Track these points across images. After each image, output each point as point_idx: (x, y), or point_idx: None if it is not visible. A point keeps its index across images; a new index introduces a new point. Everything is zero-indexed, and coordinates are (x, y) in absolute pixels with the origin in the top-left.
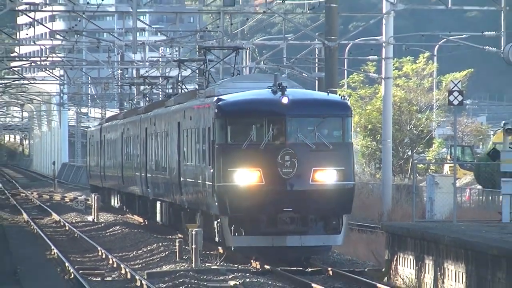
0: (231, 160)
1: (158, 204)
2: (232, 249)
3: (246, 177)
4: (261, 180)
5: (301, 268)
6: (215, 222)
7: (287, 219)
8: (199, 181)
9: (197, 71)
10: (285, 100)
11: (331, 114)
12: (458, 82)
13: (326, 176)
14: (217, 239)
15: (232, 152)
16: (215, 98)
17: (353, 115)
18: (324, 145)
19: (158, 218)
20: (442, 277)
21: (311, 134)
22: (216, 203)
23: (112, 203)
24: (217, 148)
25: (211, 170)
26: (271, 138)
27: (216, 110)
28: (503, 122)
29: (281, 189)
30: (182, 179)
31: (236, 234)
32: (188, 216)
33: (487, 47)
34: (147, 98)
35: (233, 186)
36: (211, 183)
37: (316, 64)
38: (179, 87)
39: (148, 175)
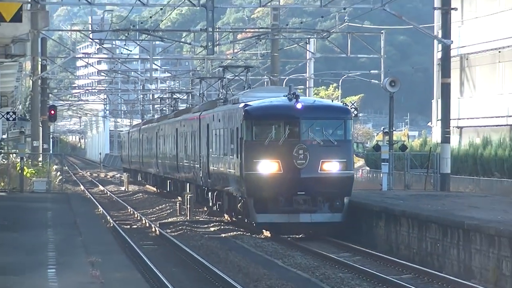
0: (256, 153)
1: (188, 185)
2: (255, 224)
3: (268, 167)
4: (279, 169)
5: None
6: (240, 202)
7: (301, 200)
8: (227, 170)
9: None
10: (299, 106)
11: (335, 117)
12: (354, 102)
13: (331, 166)
14: (241, 215)
15: (256, 147)
16: (243, 104)
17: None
18: (330, 142)
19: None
20: None
21: (319, 133)
22: (244, 187)
23: (147, 182)
24: (244, 143)
25: (239, 161)
26: (288, 136)
27: (244, 114)
28: (383, 128)
29: (296, 176)
30: (210, 167)
31: (259, 212)
32: (215, 196)
33: (372, 80)
34: (172, 108)
35: (257, 174)
36: (239, 172)
37: None
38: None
39: (179, 163)
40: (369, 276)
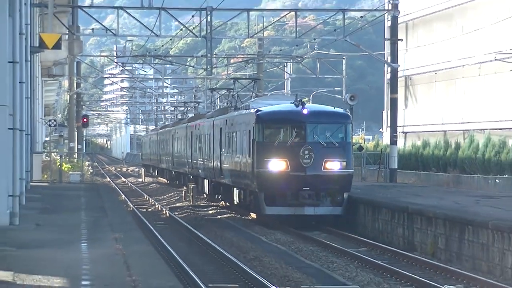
0: (266, 153)
1: (199, 179)
2: (264, 216)
3: (277, 165)
4: (287, 167)
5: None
6: (250, 196)
7: (306, 195)
8: (238, 167)
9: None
10: (305, 111)
11: (336, 121)
12: None
13: (333, 165)
14: (251, 207)
15: (267, 147)
16: (254, 110)
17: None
18: (332, 144)
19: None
20: None
21: (323, 136)
22: (255, 183)
23: (164, 177)
24: (256, 144)
25: (251, 160)
26: (295, 138)
27: (256, 118)
28: None
29: (301, 174)
30: (223, 165)
31: (269, 205)
32: (226, 189)
33: (336, 95)
34: (180, 116)
35: (268, 171)
36: (250, 169)
37: None
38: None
39: (193, 161)
40: (333, 249)
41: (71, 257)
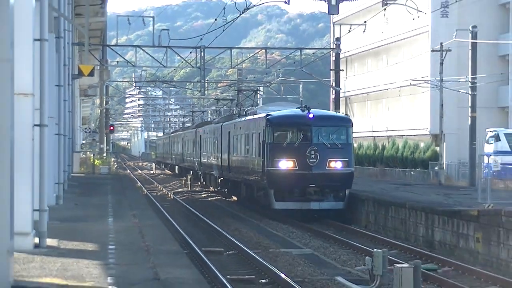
0: (276, 153)
1: (207, 175)
2: (274, 210)
3: (286, 164)
4: (295, 166)
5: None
6: (259, 191)
7: (312, 191)
8: (247, 166)
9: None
10: (311, 115)
11: (339, 125)
12: None
13: (336, 164)
14: (260, 202)
15: (276, 148)
16: (264, 114)
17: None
18: (335, 145)
19: (205, 182)
20: None
21: (327, 137)
22: (266, 180)
23: (175, 171)
24: (267, 145)
25: (262, 160)
26: (302, 140)
27: (266, 122)
28: None
29: (308, 172)
30: (231, 164)
31: (278, 200)
32: (234, 185)
33: None
34: (193, 121)
35: (278, 170)
36: (261, 168)
37: None
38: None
39: (202, 159)
40: (293, 223)
41: (100, 228)
